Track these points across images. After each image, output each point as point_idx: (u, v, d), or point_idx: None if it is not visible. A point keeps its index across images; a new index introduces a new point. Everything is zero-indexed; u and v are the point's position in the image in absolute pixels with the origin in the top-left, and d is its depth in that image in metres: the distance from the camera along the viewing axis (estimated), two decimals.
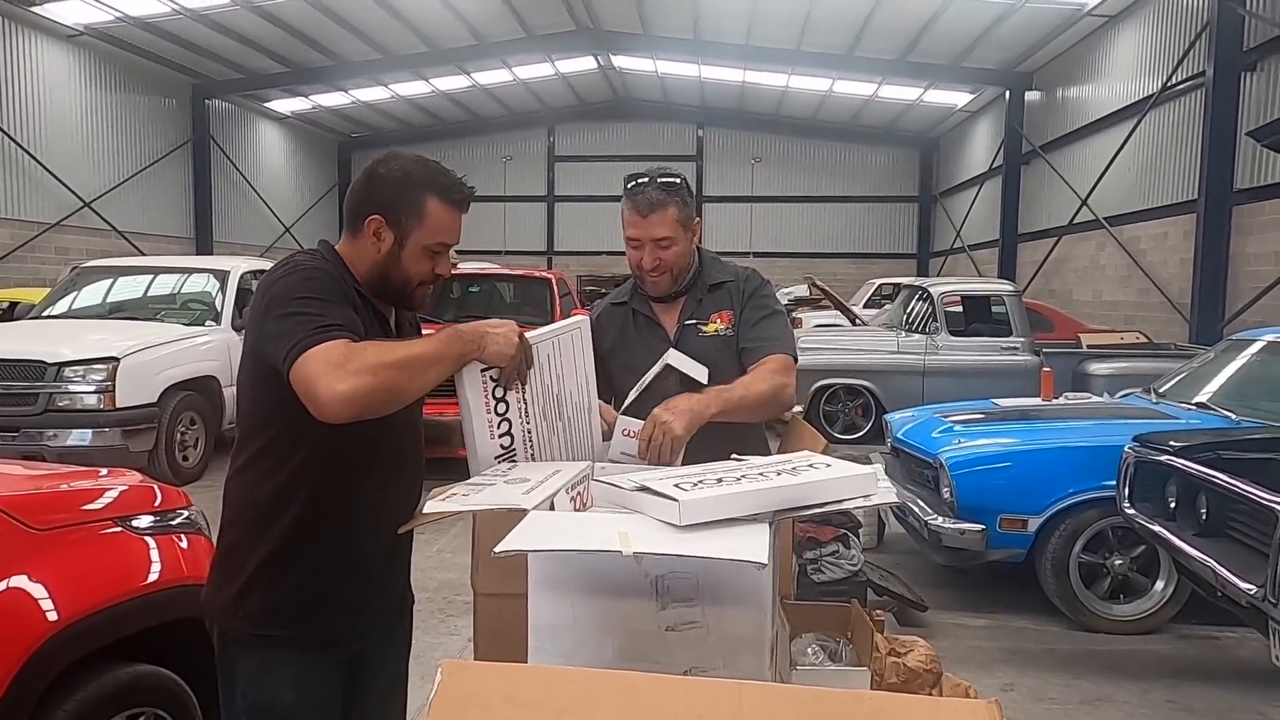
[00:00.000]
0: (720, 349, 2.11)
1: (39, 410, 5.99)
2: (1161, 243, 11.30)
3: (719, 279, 2.17)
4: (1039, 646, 3.98)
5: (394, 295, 1.64)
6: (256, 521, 1.57)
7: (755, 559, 1.06)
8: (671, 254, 2.05)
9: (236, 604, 1.57)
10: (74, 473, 2.62)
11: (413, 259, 1.60)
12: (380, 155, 1.65)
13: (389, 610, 1.74)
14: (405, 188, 1.58)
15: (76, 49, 14.70)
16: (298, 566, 1.56)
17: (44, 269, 13.61)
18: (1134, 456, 3.48)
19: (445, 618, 4.13)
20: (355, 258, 1.61)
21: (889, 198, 22.70)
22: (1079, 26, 13.32)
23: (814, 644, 1.30)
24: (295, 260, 1.57)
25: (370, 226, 1.58)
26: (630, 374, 2.13)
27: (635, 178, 2.05)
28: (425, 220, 1.59)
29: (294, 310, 1.45)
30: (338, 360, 1.38)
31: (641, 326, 2.19)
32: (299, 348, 1.40)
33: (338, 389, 1.36)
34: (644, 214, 2.01)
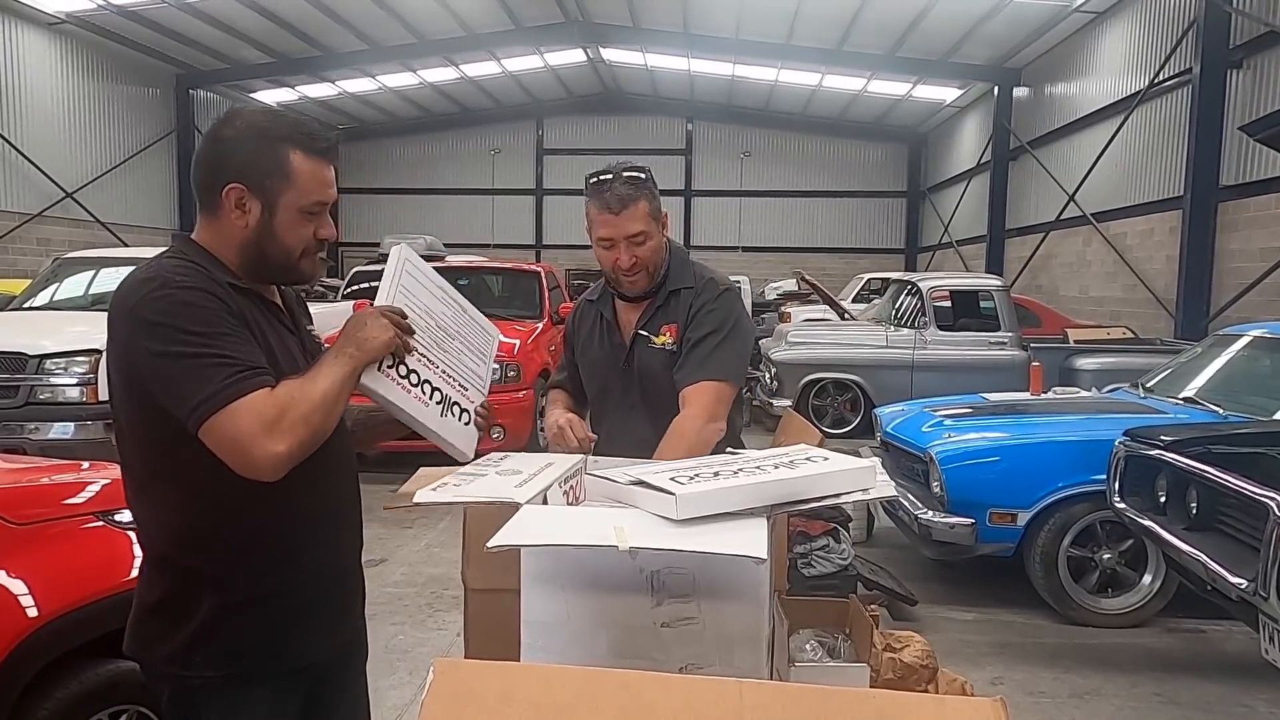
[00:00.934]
0: (665, 364, 2.05)
1: (20, 403, 5.90)
2: (1147, 238, 11.36)
3: (679, 284, 2.08)
4: (1028, 640, 3.99)
5: (277, 272, 1.44)
6: (198, 562, 1.39)
7: (755, 554, 1.04)
8: (647, 250, 2.00)
9: (190, 652, 1.38)
10: (55, 466, 2.57)
11: (288, 226, 1.39)
12: (222, 116, 1.44)
13: (350, 620, 1.60)
14: (261, 145, 1.37)
15: (58, 37, 14.49)
16: (257, 601, 1.40)
17: (24, 260, 13.44)
18: (1124, 451, 3.49)
19: (433, 612, 4.10)
20: (220, 241, 1.40)
21: (878, 193, 22.74)
22: (1066, 23, 13.36)
23: (812, 639, 1.28)
24: (160, 274, 1.33)
25: (230, 198, 1.36)
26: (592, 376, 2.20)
27: (598, 175, 1.98)
28: (293, 179, 1.38)
29: (186, 351, 1.27)
30: (271, 417, 1.25)
31: (604, 329, 2.17)
32: (211, 404, 1.25)
33: (276, 450, 1.25)
34: (615, 211, 1.95)
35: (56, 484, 2.27)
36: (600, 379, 2.17)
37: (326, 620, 1.50)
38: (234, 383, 1.26)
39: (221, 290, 1.35)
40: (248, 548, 1.39)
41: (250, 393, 1.27)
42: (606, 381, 2.15)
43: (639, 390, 2.09)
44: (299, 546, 1.43)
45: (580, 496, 1.47)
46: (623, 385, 2.12)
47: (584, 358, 2.21)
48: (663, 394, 2.01)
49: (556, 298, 8.91)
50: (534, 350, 7.64)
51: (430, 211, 22.24)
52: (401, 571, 4.66)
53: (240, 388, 1.26)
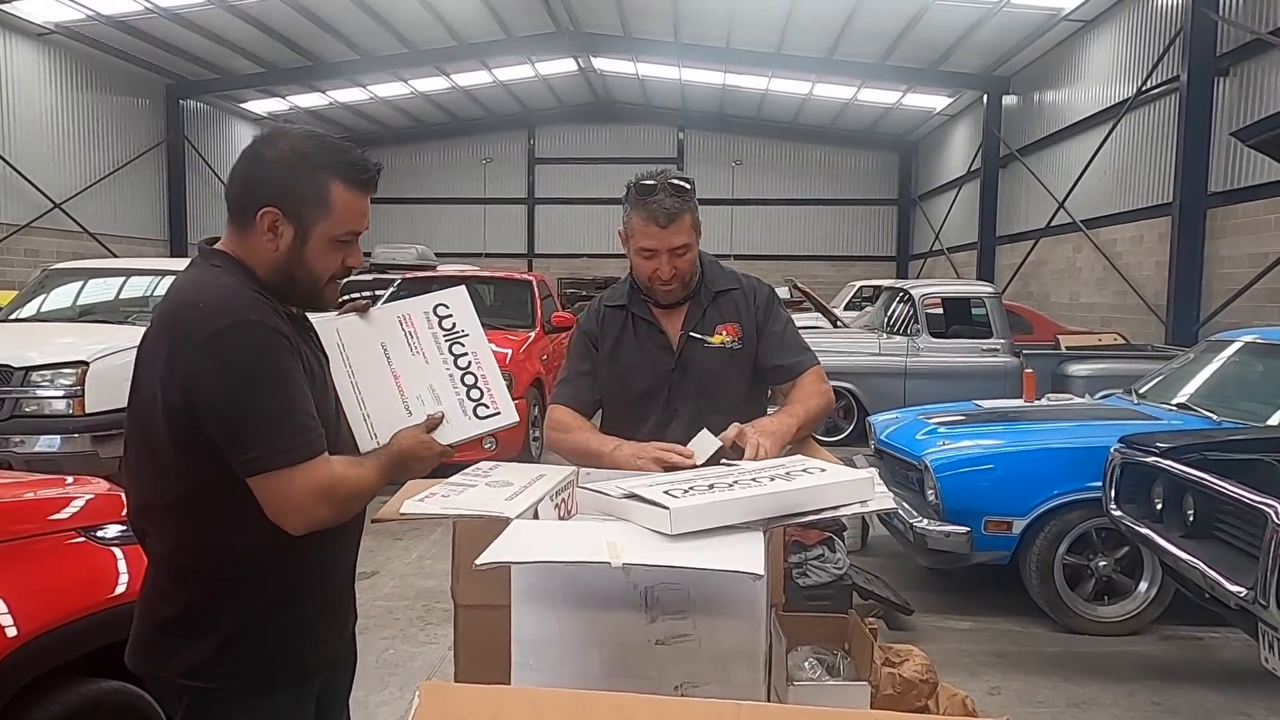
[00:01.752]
0: (726, 362, 2.07)
1: (5, 416, 5.82)
2: (1137, 245, 11.41)
3: (723, 285, 2.12)
4: (1025, 649, 3.96)
5: (301, 297, 1.45)
6: (220, 577, 1.40)
7: (751, 570, 1.01)
8: (686, 261, 2.00)
9: (214, 664, 1.38)
10: (37, 480, 2.52)
11: (318, 254, 1.39)
12: (263, 132, 1.42)
13: (350, 628, 1.65)
14: (302, 173, 1.36)
15: (47, 47, 14.43)
16: (281, 610, 1.43)
17: (12, 271, 13.34)
18: (1120, 458, 3.47)
19: (424, 625, 4.05)
20: (249, 256, 1.40)
21: (869, 200, 22.82)
22: (1055, 31, 13.45)
23: (811, 657, 1.25)
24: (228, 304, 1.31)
25: (264, 221, 1.35)
26: (629, 382, 2.10)
27: (644, 182, 1.97)
28: (330, 209, 1.37)
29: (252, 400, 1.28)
30: (325, 487, 1.33)
31: (642, 333, 2.11)
32: (272, 461, 1.29)
33: (319, 517, 1.34)
34: (662, 225, 1.95)
35: (38, 499, 2.22)
36: (642, 384, 2.09)
37: (338, 625, 1.57)
38: (299, 447, 1.31)
39: (283, 323, 1.37)
40: (268, 553, 1.40)
41: (311, 459, 1.32)
42: (648, 388, 2.08)
43: (690, 394, 2.05)
44: (314, 553, 1.45)
45: (573, 509, 1.44)
46: (668, 391, 2.07)
47: (618, 363, 2.12)
48: (719, 393, 2.05)
49: (549, 307, 8.88)
50: (526, 360, 7.60)
51: (422, 221, 22.18)
52: (393, 584, 4.60)
53: (303, 454, 1.31)
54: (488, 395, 1.58)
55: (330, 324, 1.56)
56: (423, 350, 1.58)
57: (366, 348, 1.56)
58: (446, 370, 1.58)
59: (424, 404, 1.55)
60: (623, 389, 2.11)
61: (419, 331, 1.59)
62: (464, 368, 1.59)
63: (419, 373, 1.57)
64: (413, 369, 1.57)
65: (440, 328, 1.60)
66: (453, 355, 1.59)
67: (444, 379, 1.58)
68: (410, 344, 1.58)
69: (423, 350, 1.58)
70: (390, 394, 1.55)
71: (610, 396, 2.15)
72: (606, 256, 22.66)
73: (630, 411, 2.10)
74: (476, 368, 1.59)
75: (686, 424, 2.03)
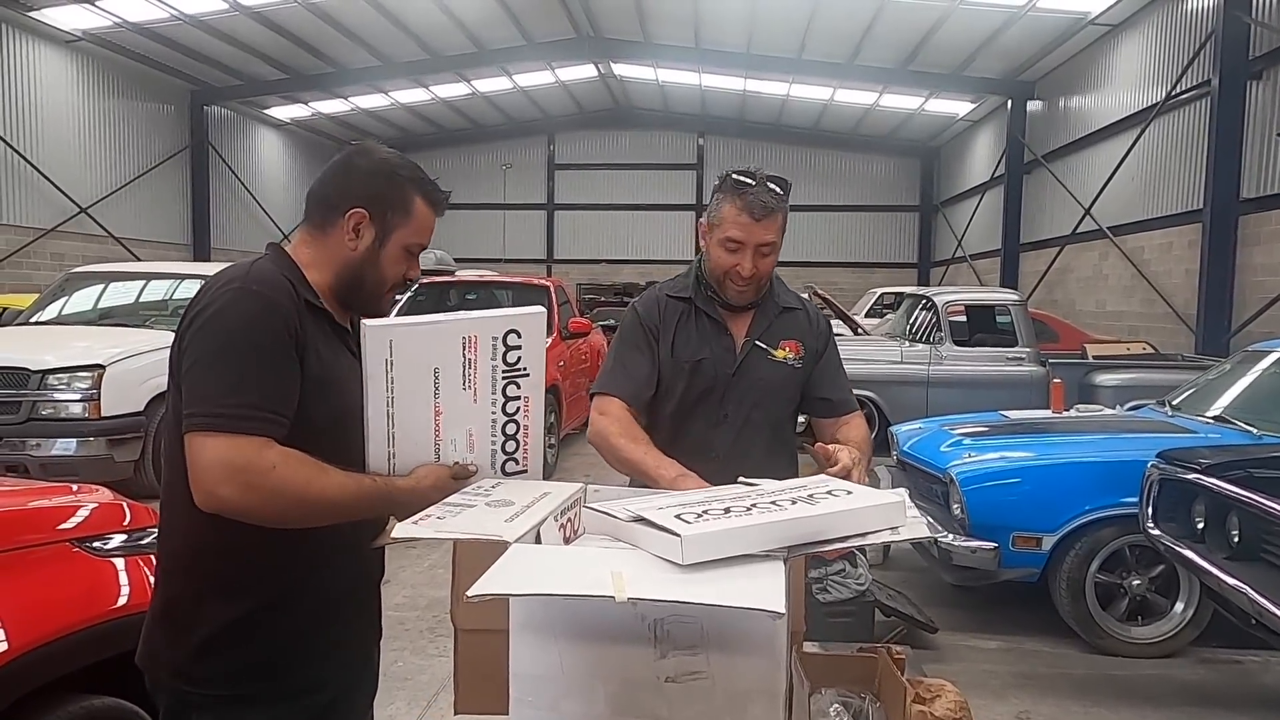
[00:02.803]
0: (786, 378, 2.02)
1: (22, 419, 5.83)
2: (1166, 252, 11.18)
3: (789, 304, 2.08)
4: (1054, 671, 3.81)
5: (364, 300, 1.47)
6: (206, 570, 1.39)
7: (771, 607, 0.91)
8: (769, 262, 1.95)
9: (193, 665, 1.38)
10: (38, 489, 2.47)
11: (392, 259, 1.47)
12: (353, 146, 1.50)
13: (360, 648, 1.59)
14: (392, 182, 1.45)
15: (75, 54, 14.62)
16: (261, 616, 1.39)
17: (39, 275, 13.47)
18: (1158, 474, 3.32)
19: (435, 638, 3.97)
20: (319, 259, 1.45)
21: (890, 207, 22.63)
22: (1081, 35, 13.25)
23: (836, 701, 1.15)
24: (242, 276, 1.36)
25: (350, 221, 1.43)
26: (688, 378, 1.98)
27: (741, 175, 1.92)
28: (410, 218, 1.46)
29: (217, 361, 1.28)
30: (236, 468, 1.24)
31: (706, 328, 2.02)
32: (203, 420, 1.25)
33: (221, 494, 1.24)
34: (757, 217, 1.88)
35: (35, 509, 2.16)
36: (699, 384, 1.98)
37: (332, 648, 1.48)
38: (230, 417, 1.25)
39: (292, 304, 1.36)
40: (257, 563, 1.38)
41: (234, 433, 1.25)
42: (705, 388, 1.98)
43: (743, 400, 1.98)
44: (309, 570, 1.42)
45: (579, 530, 1.34)
46: (724, 395, 1.99)
47: (682, 354, 1.99)
48: (772, 406, 2.01)
49: (566, 312, 8.81)
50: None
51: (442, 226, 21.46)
52: (404, 594, 4.53)
53: (229, 425, 1.25)
54: (522, 450, 1.45)
55: (385, 331, 1.36)
56: (475, 386, 1.40)
57: (416, 369, 1.37)
58: (492, 415, 1.42)
59: (456, 449, 1.41)
60: (679, 386, 1.99)
61: (479, 360, 1.40)
62: (511, 414, 1.44)
63: (463, 412, 1.41)
64: (458, 406, 1.40)
65: (504, 361, 1.42)
66: (505, 398, 1.43)
67: (486, 424, 1.42)
68: (465, 375, 1.40)
69: (475, 386, 1.40)
70: (425, 430, 1.39)
71: (665, 393, 2.01)
72: (625, 262, 22.62)
73: (684, 411, 1.99)
74: (523, 416, 1.44)
75: (735, 430, 1.99)
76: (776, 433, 2.04)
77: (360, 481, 1.34)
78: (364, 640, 1.61)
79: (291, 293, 1.38)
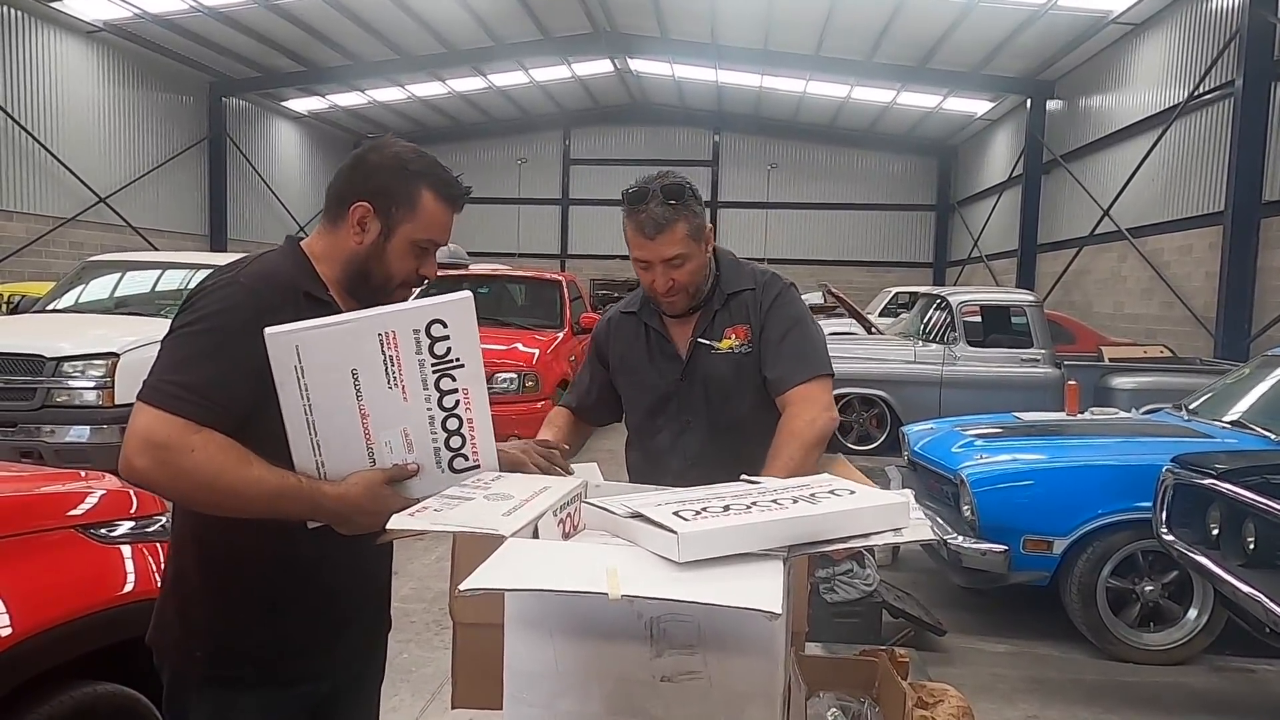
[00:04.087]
0: (734, 368, 1.93)
1: (37, 405, 5.87)
2: (1186, 255, 11.04)
3: (737, 287, 1.97)
4: (1064, 676, 3.77)
5: (372, 294, 1.46)
6: (207, 551, 1.41)
7: (767, 608, 0.90)
8: (685, 272, 1.86)
9: (192, 645, 1.41)
10: (47, 475, 2.48)
11: (398, 254, 1.44)
12: (372, 140, 1.50)
13: (362, 643, 1.58)
14: (398, 175, 1.43)
15: (95, 45, 14.73)
16: (259, 601, 1.41)
17: (57, 264, 13.60)
18: (1173, 479, 3.28)
19: (440, 630, 3.97)
20: (329, 252, 1.45)
21: (906, 206, 22.48)
22: (1103, 34, 13.10)
23: (834, 705, 1.13)
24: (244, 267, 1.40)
25: (355, 214, 1.42)
26: (640, 392, 2.03)
27: (632, 191, 1.84)
28: (417, 212, 1.44)
29: (175, 337, 1.32)
30: (157, 441, 1.24)
31: (652, 342, 2.02)
32: (146, 392, 1.28)
33: (135, 464, 1.25)
34: (650, 235, 1.82)
35: (40, 495, 2.17)
36: (650, 395, 2.00)
37: (333, 639, 1.48)
38: (162, 394, 1.27)
39: (282, 298, 1.35)
40: (258, 547, 1.38)
41: (163, 408, 1.25)
42: (658, 398, 1.99)
43: (699, 404, 1.95)
44: (312, 558, 1.41)
45: (580, 525, 1.33)
46: (677, 402, 1.97)
47: (626, 374, 2.04)
48: (729, 401, 1.93)
49: (578, 308, 8.81)
50: (553, 360, 7.53)
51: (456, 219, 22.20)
52: (410, 586, 4.54)
53: (159, 400, 1.26)
54: (469, 444, 1.35)
55: (287, 337, 1.26)
56: (402, 383, 1.30)
57: (331, 372, 1.28)
58: (428, 411, 1.32)
59: (392, 451, 1.32)
60: (637, 398, 2.03)
61: (402, 357, 1.29)
62: (449, 408, 1.33)
63: (393, 412, 1.31)
64: (386, 407, 1.30)
65: (431, 354, 1.30)
66: (439, 392, 1.32)
67: (422, 422, 1.32)
68: (389, 374, 1.30)
69: (402, 383, 1.30)
70: (352, 434, 1.31)
71: (629, 407, 2.10)
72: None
73: (646, 422, 2.03)
74: (464, 409, 1.33)
75: (702, 434, 1.95)
76: (749, 423, 1.91)
77: (284, 480, 1.29)
78: (370, 633, 1.60)
79: (288, 286, 1.38)
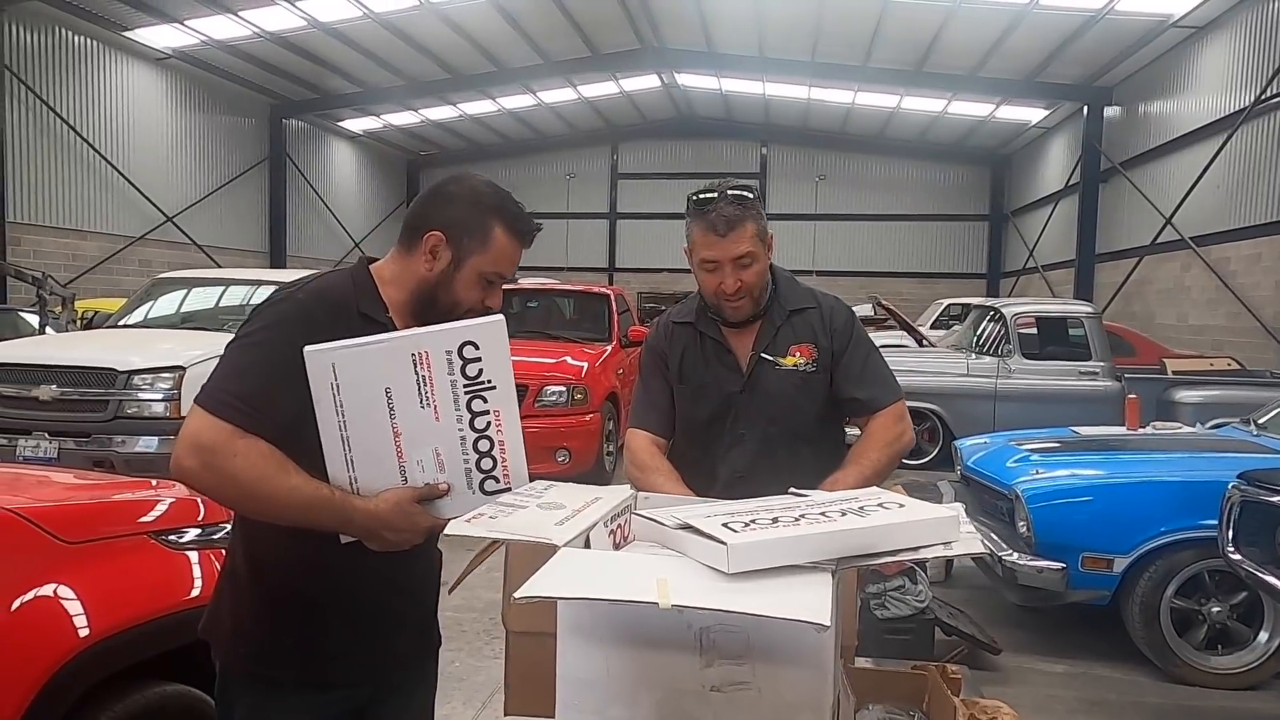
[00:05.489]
0: (799, 385, 1.95)
1: (109, 417, 6.13)
2: (1254, 264, 10.65)
3: (798, 304, 2.00)
4: (1125, 698, 3.66)
5: (437, 321, 1.48)
6: (253, 552, 1.48)
7: (816, 619, 0.91)
8: (753, 273, 1.90)
9: (236, 638, 1.49)
10: (118, 484, 2.59)
11: (466, 284, 1.49)
12: (451, 173, 1.56)
13: (405, 653, 1.60)
14: (473, 208, 1.49)
15: (164, 71, 15.38)
16: (298, 605, 1.46)
17: (127, 280, 14.19)
18: (1239, 496, 3.17)
19: (490, 640, 4.02)
20: (400, 277, 1.50)
21: (958, 216, 22.11)
22: (1164, 38, 12.75)
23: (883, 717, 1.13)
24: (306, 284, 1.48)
25: (428, 243, 1.47)
26: (695, 404, 2.02)
27: (702, 193, 1.90)
28: (488, 245, 1.48)
29: (233, 347, 1.40)
30: (205, 444, 1.31)
31: (710, 352, 2.02)
32: (202, 397, 1.35)
33: (184, 464, 1.33)
34: (722, 233, 1.86)
35: (113, 502, 2.28)
36: (708, 406, 1.99)
37: (367, 649, 1.51)
38: (213, 400, 1.33)
39: (335, 317, 1.39)
40: (294, 557, 1.43)
41: (214, 413, 1.32)
42: (715, 409, 1.99)
43: (758, 417, 1.96)
44: (344, 570, 1.44)
45: (629, 536, 1.35)
46: (735, 414, 1.98)
47: (685, 383, 2.03)
48: (790, 418, 1.94)
49: (626, 321, 8.86)
50: (602, 373, 7.58)
51: None
52: (461, 595, 4.57)
53: (210, 404, 1.33)
54: (500, 466, 1.37)
55: (324, 355, 1.32)
56: (435, 404, 1.34)
57: (365, 391, 1.33)
58: (459, 432, 1.36)
59: (424, 470, 1.36)
60: (690, 410, 2.02)
61: (435, 377, 1.33)
62: (480, 429, 1.36)
63: (425, 432, 1.35)
64: (418, 426, 1.35)
65: (463, 374, 1.34)
66: (470, 413, 1.35)
67: (454, 443, 1.36)
68: (421, 394, 1.34)
69: (435, 404, 1.34)
70: (386, 453, 1.35)
71: (681, 415, 2.07)
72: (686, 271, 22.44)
73: (698, 434, 2.01)
74: (496, 431, 1.36)
75: (755, 449, 1.95)
76: (806, 441, 1.94)
77: (318, 491, 1.34)
78: (414, 643, 1.62)
79: (343, 305, 1.44)
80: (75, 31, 13.55)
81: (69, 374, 6.17)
